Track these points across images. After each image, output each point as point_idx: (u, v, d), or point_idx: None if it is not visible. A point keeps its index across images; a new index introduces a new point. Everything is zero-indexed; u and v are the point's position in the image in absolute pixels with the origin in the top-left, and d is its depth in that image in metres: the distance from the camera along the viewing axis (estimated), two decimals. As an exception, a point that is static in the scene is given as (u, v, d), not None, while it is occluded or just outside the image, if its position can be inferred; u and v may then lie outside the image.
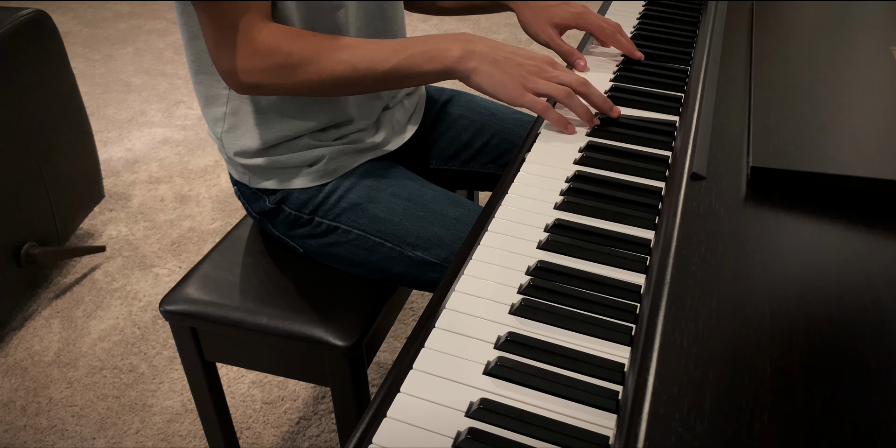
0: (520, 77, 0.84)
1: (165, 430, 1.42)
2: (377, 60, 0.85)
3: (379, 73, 0.85)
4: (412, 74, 0.86)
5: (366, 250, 0.97)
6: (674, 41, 1.08)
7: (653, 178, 0.78)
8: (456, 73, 0.86)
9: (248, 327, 0.96)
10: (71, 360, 1.57)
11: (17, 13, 1.50)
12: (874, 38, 0.89)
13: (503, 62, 0.85)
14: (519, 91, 0.84)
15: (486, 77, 0.84)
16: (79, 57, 2.87)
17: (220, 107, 0.96)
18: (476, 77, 0.85)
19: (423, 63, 0.85)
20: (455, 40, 0.86)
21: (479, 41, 0.86)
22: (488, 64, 0.84)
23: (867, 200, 0.65)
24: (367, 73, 0.85)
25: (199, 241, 1.90)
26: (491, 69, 0.84)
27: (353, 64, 0.85)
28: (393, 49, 0.85)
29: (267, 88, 0.86)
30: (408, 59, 0.85)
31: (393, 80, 0.86)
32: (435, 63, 0.85)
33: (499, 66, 0.84)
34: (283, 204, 0.99)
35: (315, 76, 0.85)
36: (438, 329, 0.60)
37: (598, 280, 0.64)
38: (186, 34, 0.93)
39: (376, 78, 0.86)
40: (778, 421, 0.45)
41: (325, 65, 0.84)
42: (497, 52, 0.85)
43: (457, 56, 0.84)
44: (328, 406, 1.46)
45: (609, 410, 0.53)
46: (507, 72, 0.84)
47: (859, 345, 0.51)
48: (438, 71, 0.86)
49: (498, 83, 0.84)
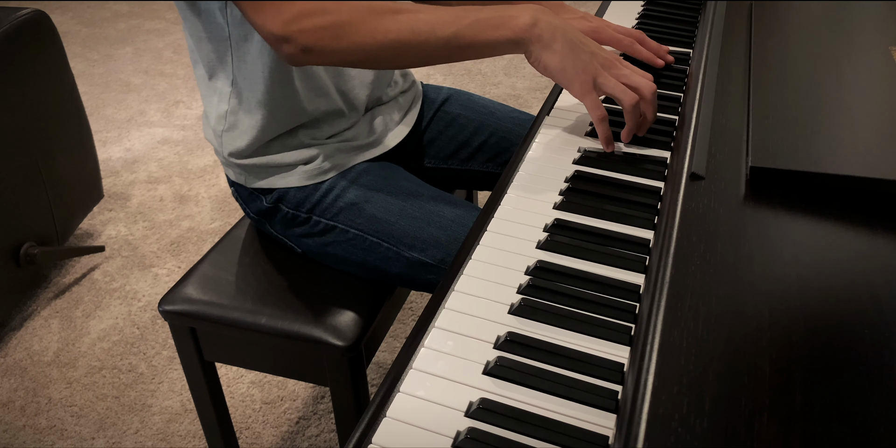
0: (593, 68, 0.78)
1: (165, 430, 1.42)
2: (438, 25, 0.78)
3: (440, 40, 0.78)
4: (477, 43, 0.79)
5: (363, 250, 0.97)
6: (673, 41, 1.08)
7: (652, 178, 0.78)
8: (527, 43, 0.78)
9: (248, 327, 0.96)
10: (70, 359, 1.57)
11: (16, 13, 1.50)
12: (874, 38, 0.89)
13: (578, 46, 0.78)
14: (587, 86, 0.78)
15: (557, 58, 0.78)
16: (78, 57, 2.87)
17: (223, 104, 0.96)
18: (547, 55, 0.78)
19: (489, 30, 0.78)
20: (527, 8, 0.79)
21: (549, 12, 0.79)
22: (563, 43, 0.77)
23: (867, 200, 0.65)
24: (428, 37, 0.78)
25: (199, 241, 1.90)
26: (566, 50, 0.77)
27: (411, 27, 0.78)
28: (455, 15, 0.79)
29: (319, 53, 0.79)
30: (472, 25, 0.78)
31: (455, 48, 0.79)
32: (504, 30, 0.78)
33: (574, 50, 0.78)
34: (280, 203, 0.99)
35: (369, 38, 0.78)
36: (438, 329, 0.60)
37: (597, 280, 0.64)
38: (192, 38, 0.93)
39: (436, 45, 0.79)
40: (778, 421, 0.45)
41: (380, 25, 0.78)
42: (572, 32, 0.79)
43: (527, 24, 0.77)
44: (327, 406, 1.46)
45: (609, 410, 0.53)
46: (581, 59, 0.78)
47: (859, 345, 0.51)
48: (507, 40, 0.78)
49: (570, 68, 0.78)
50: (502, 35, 0.78)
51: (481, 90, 2.60)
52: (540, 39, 0.78)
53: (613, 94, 0.79)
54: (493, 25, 0.78)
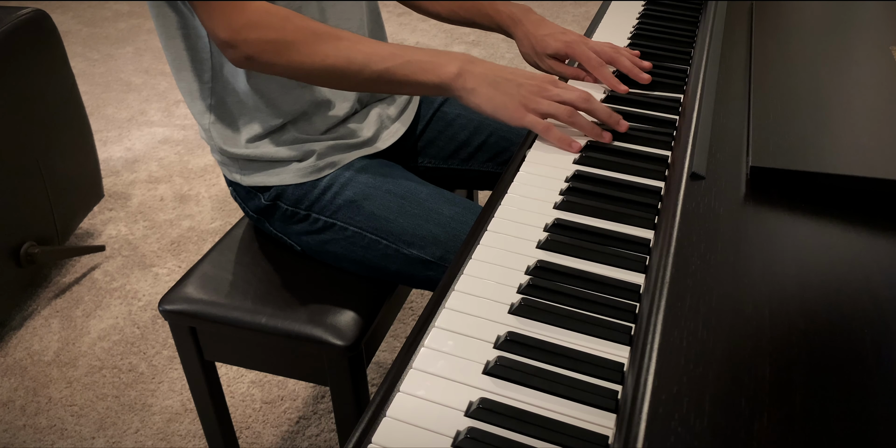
0: (520, 97, 0.83)
1: (165, 430, 1.42)
2: (373, 59, 0.83)
3: (372, 72, 0.84)
4: (405, 81, 0.85)
5: (362, 247, 0.97)
6: (673, 41, 1.08)
7: (652, 178, 0.78)
8: (452, 90, 0.85)
9: (248, 327, 0.96)
10: (70, 359, 1.57)
11: (16, 13, 1.50)
12: (874, 38, 0.89)
13: (503, 83, 0.84)
14: (520, 112, 0.83)
15: (484, 98, 0.83)
16: (78, 56, 2.87)
17: (205, 99, 0.96)
18: (474, 98, 0.84)
19: (418, 72, 0.84)
20: (455, 58, 0.85)
21: (479, 63, 0.85)
22: (487, 85, 0.83)
23: (867, 200, 0.65)
24: (361, 68, 0.84)
25: (199, 241, 1.90)
26: (490, 91, 0.83)
27: (349, 56, 0.83)
28: (391, 51, 0.84)
29: (260, 63, 0.84)
30: (405, 64, 0.84)
31: (385, 82, 0.85)
32: (430, 75, 0.84)
33: (498, 88, 0.83)
34: (279, 200, 1.00)
35: (307, 59, 0.83)
36: (438, 328, 0.60)
37: (597, 280, 0.64)
38: (164, 35, 0.94)
39: (368, 76, 0.84)
40: (777, 421, 0.45)
41: (320, 49, 0.83)
42: (496, 74, 0.84)
43: (453, 73, 0.83)
44: (327, 406, 1.46)
45: (608, 410, 0.53)
46: (507, 93, 0.83)
47: (859, 345, 0.51)
48: (433, 84, 0.84)
49: (499, 105, 0.83)
50: (429, 79, 0.84)
51: (482, 90, 2.59)
52: (464, 87, 0.84)
53: (547, 111, 0.83)
54: (424, 69, 0.84)
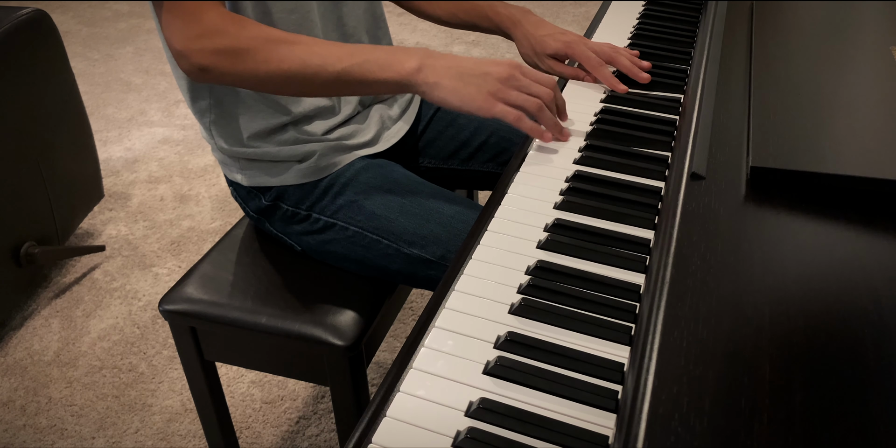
0: (488, 87, 0.80)
1: (165, 430, 1.42)
2: (329, 60, 0.80)
3: (329, 74, 0.81)
4: (364, 81, 0.81)
5: (363, 247, 0.97)
6: (674, 41, 1.08)
7: (653, 178, 0.78)
8: (413, 86, 0.81)
9: (248, 327, 0.96)
10: (70, 359, 1.57)
11: (16, 13, 1.50)
12: (874, 38, 0.89)
13: (467, 75, 0.80)
14: (489, 102, 0.80)
15: (449, 91, 0.80)
16: (78, 56, 2.87)
17: (205, 99, 0.96)
18: (438, 92, 0.80)
19: (376, 70, 0.81)
20: (414, 53, 0.82)
21: (440, 56, 0.82)
22: (451, 78, 0.80)
23: (867, 200, 0.65)
24: (317, 71, 0.81)
25: (199, 241, 1.90)
26: (454, 83, 0.80)
27: (303, 59, 0.80)
28: (348, 51, 0.81)
29: (215, 74, 0.82)
30: (362, 63, 0.81)
31: (344, 84, 0.82)
32: (389, 72, 0.81)
33: (463, 79, 0.80)
34: (280, 201, 1.00)
35: (263, 66, 0.80)
36: (438, 328, 0.60)
37: (597, 280, 0.64)
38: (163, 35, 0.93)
39: (326, 79, 0.81)
40: (777, 421, 0.45)
41: (274, 55, 0.80)
42: (459, 65, 0.81)
43: (413, 68, 0.80)
44: (327, 405, 1.46)
45: (609, 410, 0.53)
46: (473, 83, 0.80)
47: (859, 345, 0.51)
48: (393, 81, 0.81)
49: (465, 96, 0.80)
50: (389, 76, 0.81)
51: (482, 90, 2.60)
52: (426, 82, 0.80)
53: (516, 103, 0.81)
54: (382, 66, 0.81)
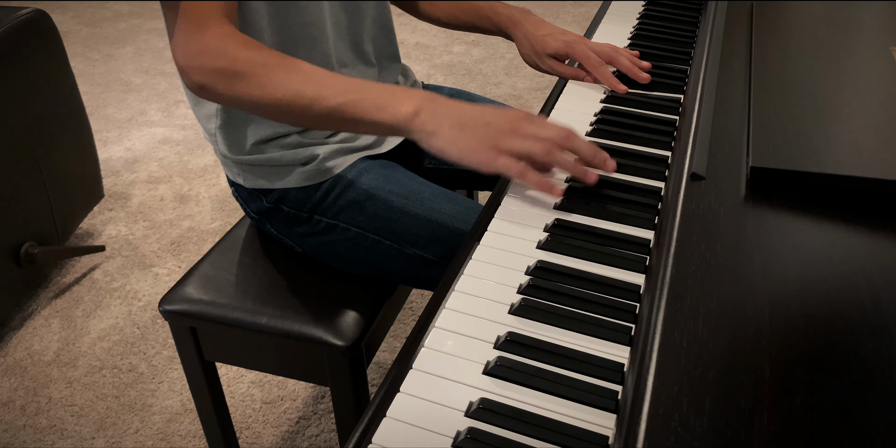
0: (490, 138, 0.73)
1: (165, 430, 1.42)
2: (325, 93, 0.76)
3: (323, 108, 0.77)
4: (358, 119, 0.76)
5: (364, 248, 0.97)
6: (673, 41, 1.08)
7: (652, 178, 0.78)
8: (409, 132, 0.76)
9: (248, 327, 0.96)
10: (70, 359, 1.57)
11: (16, 13, 1.50)
12: (874, 38, 0.89)
13: (469, 124, 0.74)
14: (489, 154, 0.73)
15: (447, 141, 0.74)
16: (78, 56, 2.87)
17: (211, 104, 0.96)
18: (436, 141, 0.74)
19: (372, 110, 0.76)
20: (413, 96, 0.76)
21: (442, 101, 0.76)
22: (451, 127, 0.74)
23: (867, 200, 0.65)
24: (311, 103, 0.77)
25: (199, 241, 1.90)
26: (454, 133, 0.74)
27: (299, 90, 0.77)
28: (347, 86, 0.77)
29: (212, 93, 0.80)
30: (358, 101, 0.76)
31: (338, 120, 0.78)
32: (385, 114, 0.75)
33: (464, 129, 0.74)
34: (281, 203, 0.99)
35: (256, 91, 0.77)
36: (438, 329, 0.60)
37: (597, 280, 0.64)
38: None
39: (319, 112, 0.77)
40: (778, 421, 0.45)
41: (269, 82, 0.77)
42: (461, 113, 0.75)
43: (409, 113, 0.75)
44: (328, 406, 1.46)
45: (609, 410, 0.53)
46: (474, 134, 0.73)
47: (859, 345, 0.51)
48: (387, 124, 0.76)
49: (465, 148, 0.73)
50: (384, 119, 0.75)
51: (482, 90, 2.60)
52: (423, 129, 0.75)
53: (521, 150, 0.73)
54: (378, 107, 0.76)
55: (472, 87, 2.62)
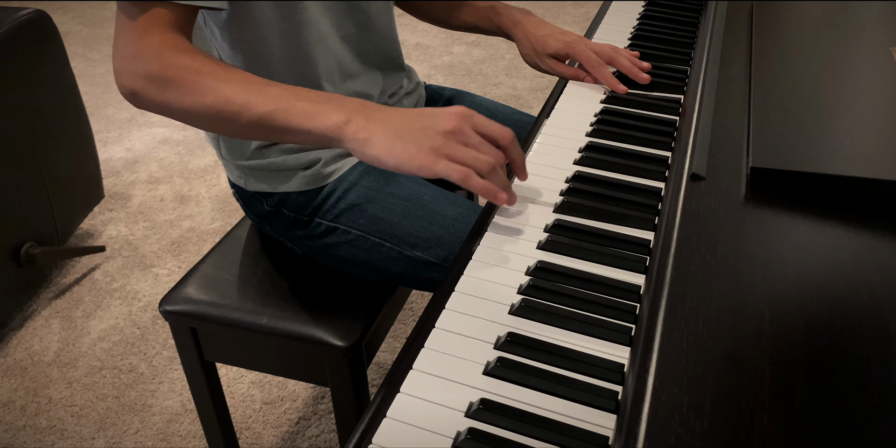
0: (430, 142, 0.69)
1: (165, 431, 1.42)
2: (255, 100, 0.72)
3: (252, 116, 0.73)
4: (287, 128, 0.73)
5: (365, 250, 0.97)
6: (673, 42, 1.08)
7: (652, 179, 0.78)
8: (342, 141, 0.72)
9: (248, 327, 0.96)
10: (70, 360, 1.57)
11: (17, 13, 1.50)
12: (874, 38, 0.89)
13: (405, 130, 0.70)
14: (429, 159, 0.69)
15: (383, 149, 0.70)
16: (79, 57, 2.87)
17: None
18: (371, 149, 0.70)
19: (301, 118, 0.72)
20: (345, 105, 0.72)
21: (377, 109, 0.72)
22: (385, 134, 0.70)
23: (867, 201, 0.65)
24: (240, 110, 0.73)
25: (199, 241, 1.90)
26: (389, 140, 0.70)
27: (228, 96, 0.73)
28: (279, 94, 0.73)
29: (142, 99, 0.76)
30: (288, 109, 0.72)
31: (268, 128, 0.74)
32: (314, 122, 0.71)
33: (401, 136, 0.70)
34: (282, 207, 0.99)
35: (186, 98, 0.74)
36: (438, 329, 0.60)
37: (597, 280, 0.64)
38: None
39: (249, 120, 0.73)
40: (778, 421, 0.45)
41: (199, 88, 0.73)
42: (397, 120, 0.71)
43: (340, 121, 0.71)
44: (328, 406, 1.46)
45: (609, 411, 0.53)
46: (413, 139, 0.70)
47: (859, 345, 0.51)
48: (318, 133, 0.72)
49: (402, 154, 0.69)
50: (313, 127, 0.72)
51: (482, 90, 2.60)
52: (356, 138, 0.71)
53: (464, 161, 0.69)
54: (308, 115, 0.72)
55: (473, 87, 2.62)
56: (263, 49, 0.90)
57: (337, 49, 0.96)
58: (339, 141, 0.72)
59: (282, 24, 0.89)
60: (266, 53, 0.90)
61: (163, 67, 0.74)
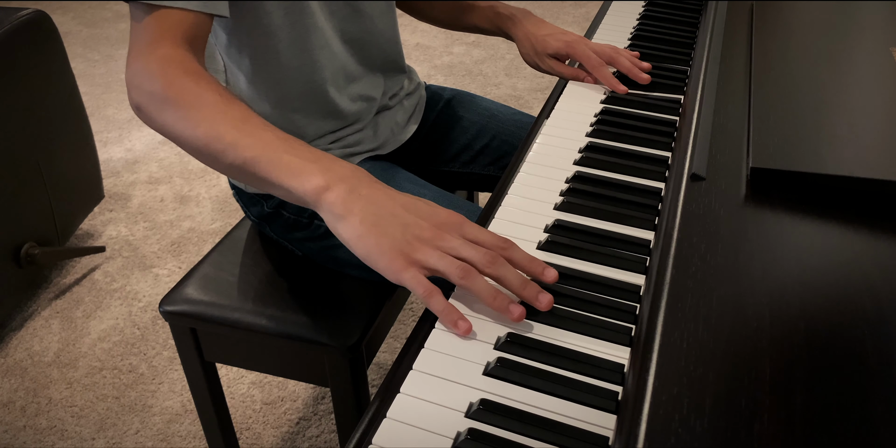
0: (402, 243, 0.62)
1: (165, 431, 1.42)
2: (244, 143, 0.67)
3: (237, 157, 0.68)
4: (267, 180, 0.67)
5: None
6: (673, 42, 1.08)
7: (653, 179, 0.78)
8: (317, 207, 0.65)
9: (248, 328, 0.96)
10: (71, 360, 1.57)
11: (17, 13, 1.50)
12: (874, 38, 0.89)
13: (385, 220, 0.63)
14: (397, 263, 0.61)
15: (355, 235, 0.63)
16: (79, 57, 2.87)
17: None
18: (342, 229, 0.63)
19: (283, 173, 0.66)
20: (335, 170, 0.66)
21: (366, 184, 0.65)
22: (362, 218, 0.62)
23: (867, 201, 0.65)
24: (226, 149, 0.68)
25: (199, 242, 1.90)
26: (364, 228, 0.62)
27: (220, 131, 0.68)
28: (270, 141, 0.68)
29: (144, 115, 0.74)
30: (273, 160, 0.66)
31: (250, 173, 0.68)
32: (293, 181, 0.65)
33: (377, 226, 0.62)
34: (282, 208, 0.99)
35: (180, 124, 0.70)
36: (438, 329, 0.60)
37: (597, 281, 0.64)
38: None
39: (233, 161, 0.68)
40: (778, 421, 0.45)
41: (195, 115, 0.70)
42: (381, 205, 0.63)
43: (318, 186, 0.64)
44: (328, 406, 1.46)
45: (609, 411, 0.53)
46: (387, 233, 0.62)
47: (859, 345, 0.51)
48: (295, 192, 0.65)
49: (372, 247, 0.62)
50: (292, 186, 0.65)
51: (482, 91, 2.60)
52: (331, 210, 0.64)
53: (435, 268, 0.61)
54: (291, 171, 0.65)
55: (473, 87, 2.62)
56: (271, 55, 0.90)
57: (341, 53, 0.96)
58: (315, 207, 0.65)
59: (290, 30, 0.89)
60: (273, 60, 0.91)
61: (165, 87, 0.71)
